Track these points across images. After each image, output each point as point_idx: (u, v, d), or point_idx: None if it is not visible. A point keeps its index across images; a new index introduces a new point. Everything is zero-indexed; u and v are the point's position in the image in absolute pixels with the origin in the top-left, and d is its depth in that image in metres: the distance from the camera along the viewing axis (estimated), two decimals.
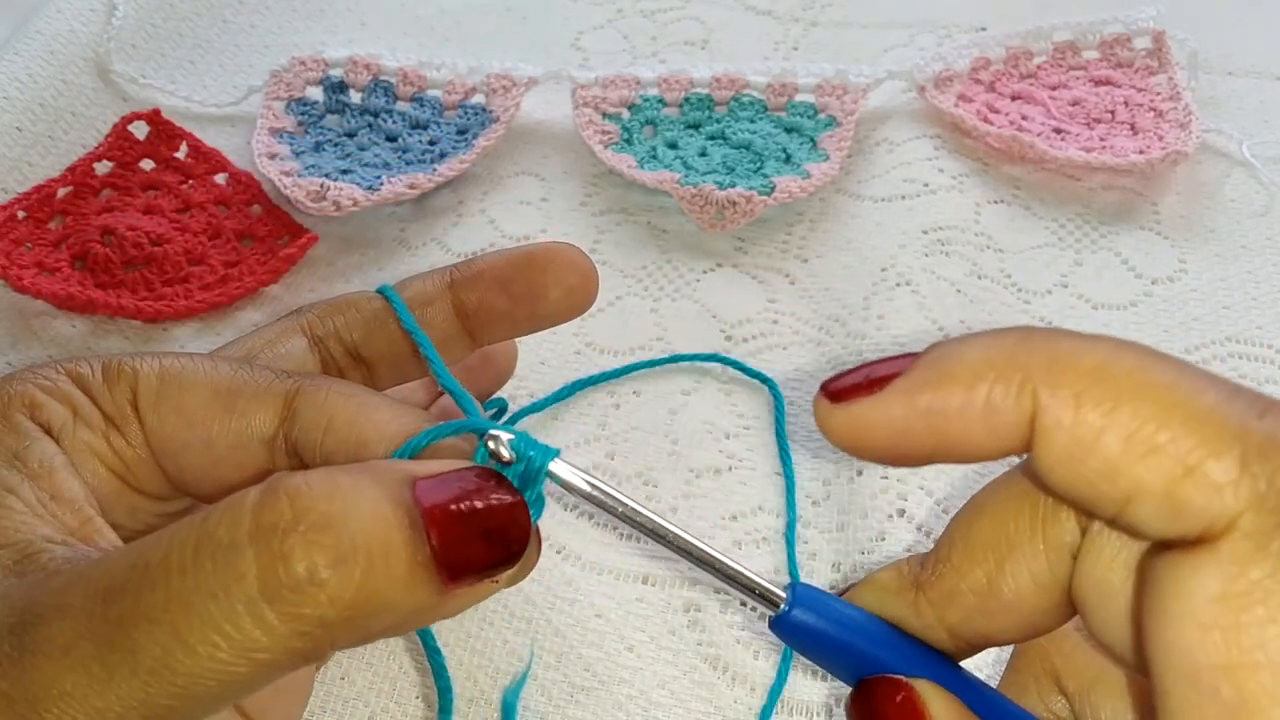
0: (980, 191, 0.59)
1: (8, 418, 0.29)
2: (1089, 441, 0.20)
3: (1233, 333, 0.52)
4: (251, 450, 0.30)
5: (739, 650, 0.42)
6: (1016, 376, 0.21)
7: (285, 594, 0.22)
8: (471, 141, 0.59)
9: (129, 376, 0.30)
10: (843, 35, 0.70)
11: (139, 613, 0.23)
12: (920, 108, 0.62)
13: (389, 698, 0.41)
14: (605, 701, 0.41)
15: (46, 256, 0.53)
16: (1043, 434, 0.21)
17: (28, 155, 0.57)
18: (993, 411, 0.21)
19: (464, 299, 0.36)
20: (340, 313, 0.35)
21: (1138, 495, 0.20)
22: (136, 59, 0.64)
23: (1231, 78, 0.65)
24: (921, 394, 0.22)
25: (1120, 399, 0.20)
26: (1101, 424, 0.20)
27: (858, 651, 0.25)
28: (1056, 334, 0.22)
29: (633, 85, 0.62)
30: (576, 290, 0.36)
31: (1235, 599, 0.19)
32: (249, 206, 0.58)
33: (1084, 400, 0.21)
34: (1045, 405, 0.21)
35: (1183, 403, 0.20)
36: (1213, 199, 0.59)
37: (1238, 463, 0.19)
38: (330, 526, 0.23)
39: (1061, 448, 0.21)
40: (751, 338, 0.53)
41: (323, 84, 0.62)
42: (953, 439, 0.22)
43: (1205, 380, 0.21)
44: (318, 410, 0.30)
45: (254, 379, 0.31)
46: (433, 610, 0.24)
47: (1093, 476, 0.21)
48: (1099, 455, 0.20)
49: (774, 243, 0.57)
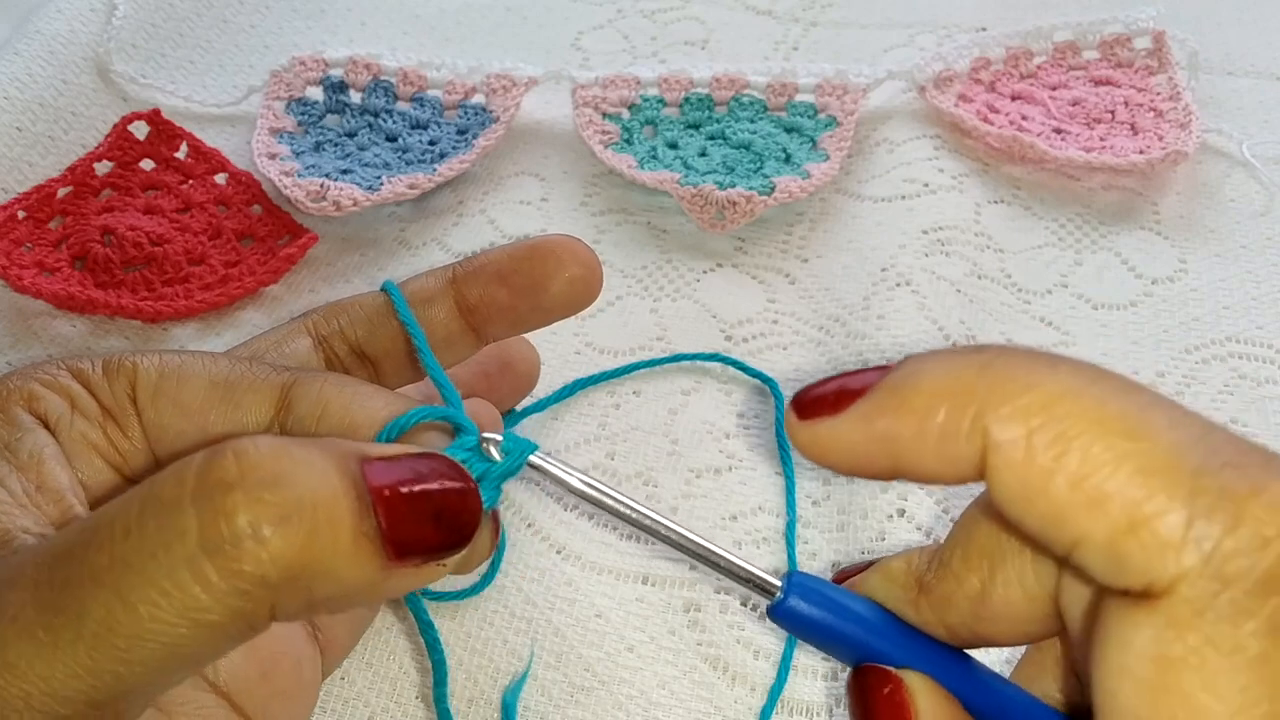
0: (980, 191, 0.59)
1: (5, 410, 0.29)
2: (1038, 484, 0.20)
3: (1233, 333, 0.52)
4: None
5: (739, 650, 0.42)
6: (970, 409, 0.21)
7: (226, 549, 0.22)
8: (471, 141, 0.59)
9: (128, 371, 0.31)
10: (843, 35, 0.70)
11: (84, 575, 0.23)
12: (920, 108, 0.62)
13: (389, 698, 0.41)
14: (605, 701, 0.41)
15: (46, 256, 0.53)
16: (993, 471, 0.21)
17: (28, 155, 0.57)
18: (945, 441, 0.21)
19: (466, 295, 0.36)
20: (344, 311, 0.35)
21: (1083, 542, 0.20)
22: (136, 59, 0.64)
23: (1231, 78, 0.65)
24: (878, 419, 0.22)
25: (1072, 440, 0.20)
26: (1050, 467, 0.20)
27: (855, 639, 0.25)
28: (1018, 360, 0.21)
29: (633, 85, 0.62)
30: (578, 281, 0.36)
31: (1173, 663, 0.19)
32: (249, 206, 0.58)
33: (1034, 440, 0.20)
34: (996, 443, 0.21)
35: (1137, 448, 0.20)
36: (1213, 199, 0.59)
37: (1184, 523, 0.19)
38: (276, 485, 0.22)
39: (1011, 486, 0.21)
40: (751, 338, 0.53)
41: (323, 84, 0.62)
42: (908, 464, 0.22)
43: (1169, 419, 0.20)
44: (313, 400, 0.30)
45: (251, 372, 0.31)
46: (376, 586, 0.24)
47: (1040, 519, 0.21)
48: (1047, 498, 0.20)
49: (774, 243, 0.57)
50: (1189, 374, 0.51)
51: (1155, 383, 0.51)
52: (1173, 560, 0.19)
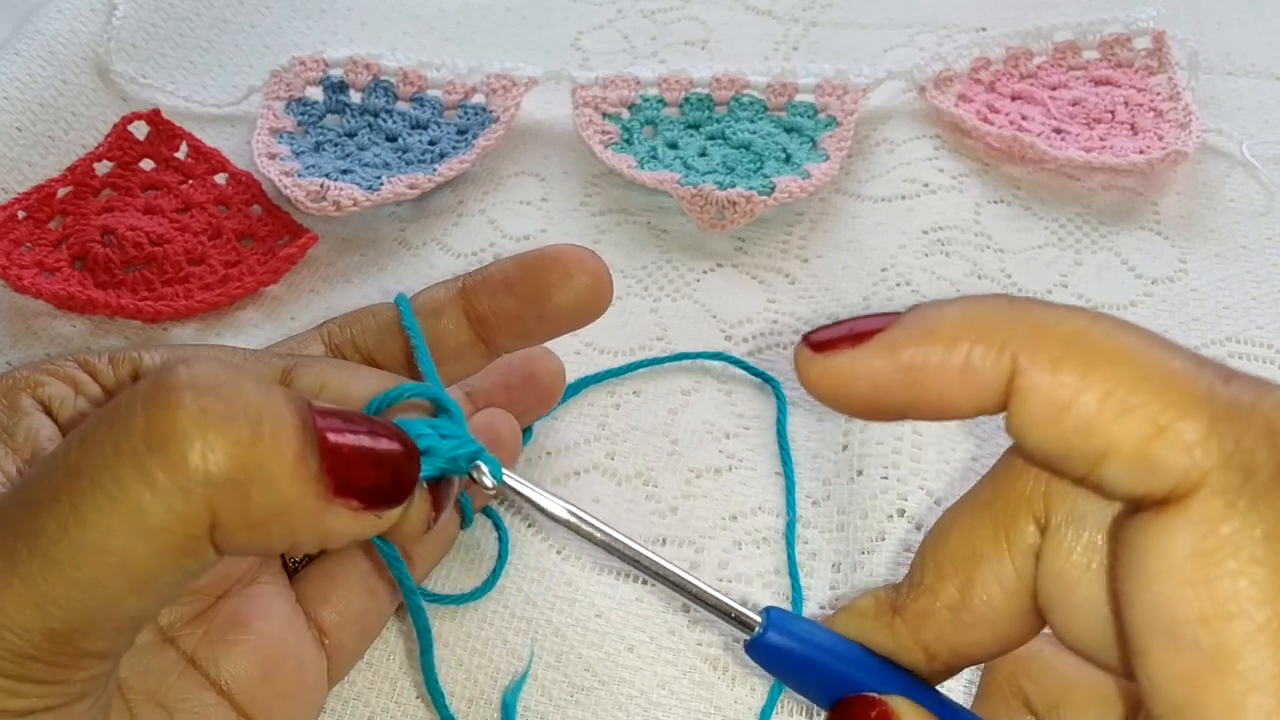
0: (980, 191, 0.59)
1: (11, 398, 0.31)
2: (1065, 401, 0.21)
3: (1233, 333, 0.52)
4: None
5: (739, 650, 0.42)
6: (997, 339, 0.22)
7: (170, 442, 0.22)
8: (471, 141, 0.59)
9: (134, 359, 0.32)
10: (843, 35, 0.70)
11: (41, 496, 0.23)
12: (920, 108, 0.62)
13: (389, 698, 0.41)
14: (605, 701, 0.41)
15: (46, 256, 0.53)
16: (1021, 395, 0.22)
17: (28, 155, 0.57)
18: (971, 370, 0.22)
19: (475, 305, 0.36)
20: (358, 321, 0.37)
21: (1111, 452, 0.21)
22: (136, 59, 0.64)
23: (1231, 78, 0.65)
24: (904, 349, 0.23)
25: (1096, 364, 0.21)
26: (1078, 385, 0.21)
27: (832, 673, 0.25)
28: (1035, 303, 0.23)
29: (633, 85, 0.62)
30: (586, 291, 0.36)
31: (1208, 554, 0.20)
32: (249, 206, 0.58)
33: (1062, 364, 0.21)
34: (1024, 368, 0.22)
35: (1154, 368, 0.21)
36: (1213, 199, 0.59)
37: (1206, 423, 0.20)
38: (224, 390, 0.23)
39: (1038, 407, 0.22)
40: (751, 338, 0.53)
41: (323, 84, 0.62)
42: (930, 395, 0.23)
43: (1173, 349, 0.22)
44: (312, 379, 0.31)
45: (255, 356, 0.32)
46: (315, 518, 0.25)
47: (1068, 434, 0.21)
48: (1075, 414, 0.21)
49: (774, 243, 0.57)
50: None
51: None
52: (1200, 455, 0.20)
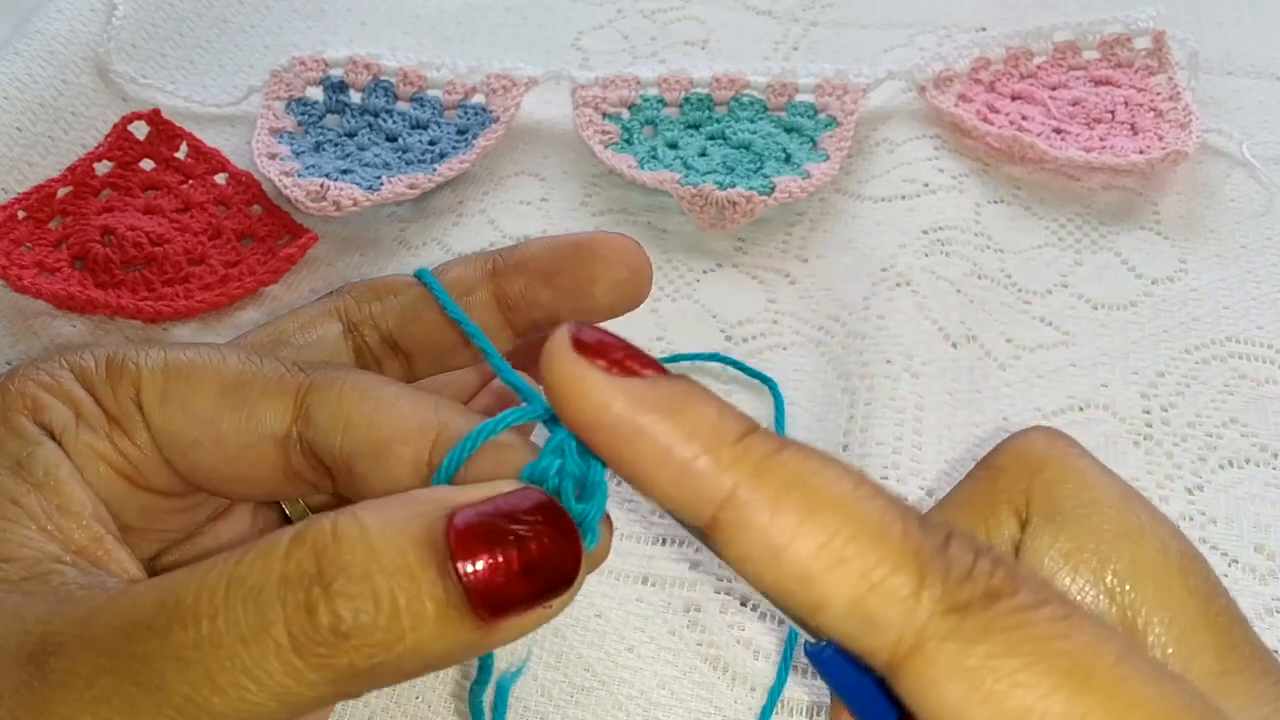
0: (980, 191, 0.59)
1: (9, 420, 0.28)
2: (782, 544, 0.21)
3: (1233, 333, 0.52)
4: (263, 449, 0.29)
5: (739, 650, 0.42)
6: (725, 462, 0.22)
7: (313, 646, 0.22)
8: (471, 141, 0.59)
9: (132, 373, 0.29)
10: (843, 35, 0.70)
11: (168, 651, 0.22)
12: (920, 108, 0.62)
13: (389, 698, 0.41)
14: (605, 701, 0.41)
15: (46, 256, 0.53)
16: (737, 526, 0.22)
17: (28, 155, 0.57)
18: (690, 472, 0.22)
19: (506, 289, 0.34)
20: (377, 297, 0.33)
21: (827, 603, 0.21)
22: (136, 59, 0.64)
23: (1231, 78, 0.65)
24: (646, 411, 0.22)
25: (814, 510, 0.21)
26: (795, 530, 0.21)
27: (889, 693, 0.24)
28: (771, 437, 0.22)
29: (633, 85, 0.62)
30: (625, 285, 0.34)
31: (977, 690, 0.20)
32: (249, 206, 0.58)
33: (780, 503, 0.21)
34: (744, 500, 0.21)
35: (866, 518, 0.21)
36: (1213, 199, 0.59)
37: (916, 575, 0.21)
38: (355, 577, 0.22)
39: (756, 545, 0.21)
40: (751, 338, 0.53)
41: (323, 84, 0.62)
42: (642, 465, 0.22)
43: (876, 492, 0.22)
44: (333, 409, 0.28)
45: (263, 373, 0.29)
46: (478, 645, 0.23)
47: (786, 578, 0.21)
48: (791, 559, 0.21)
49: (774, 243, 0.57)
50: (1189, 374, 0.51)
51: (1155, 383, 0.51)
52: (915, 607, 0.21)
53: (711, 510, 0.22)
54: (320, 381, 0.29)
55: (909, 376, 0.50)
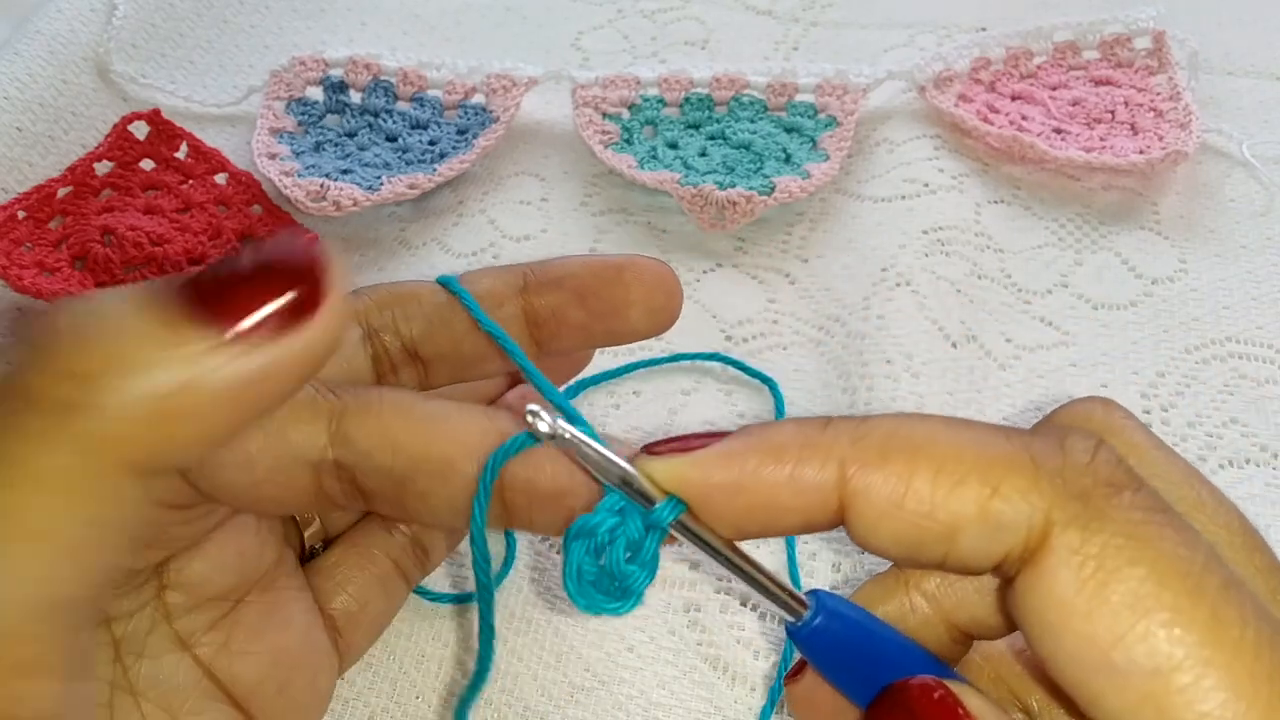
0: (980, 191, 0.59)
1: None
2: (900, 492, 0.22)
3: (1233, 333, 0.52)
4: (294, 472, 0.28)
5: (739, 650, 0.42)
6: (821, 449, 0.23)
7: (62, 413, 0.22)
8: (471, 141, 0.59)
9: None
10: (843, 35, 0.70)
11: None
12: (920, 108, 0.62)
13: (389, 698, 0.41)
14: (605, 701, 0.41)
15: (46, 256, 0.53)
16: (856, 498, 0.23)
17: (28, 155, 0.57)
18: (800, 479, 0.23)
19: (536, 305, 0.33)
20: (400, 304, 0.33)
21: (958, 525, 0.22)
22: (136, 59, 0.64)
23: (1231, 78, 0.65)
24: (736, 455, 0.24)
25: (915, 453, 0.23)
26: (908, 473, 0.23)
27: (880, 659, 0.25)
28: (848, 418, 0.24)
29: (633, 85, 0.62)
30: (660, 311, 0.33)
31: (1090, 580, 0.21)
32: (249, 206, 0.58)
33: (886, 459, 0.23)
34: (853, 473, 0.23)
35: (969, 443, 0.23)
36: (1213, 199, 0.59)
37: (1030, 470, 0.22)
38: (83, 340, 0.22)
39: (876, 504, 0.23)
40: (751, 338, 0.53)
41: (323, 84, 0.62)
42: (760, 503, 0.24)
43: (978, 424, 0.23)
44: (375, 433, 0.27)
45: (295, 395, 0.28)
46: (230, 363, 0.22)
47: (913, 520, 0.23)
48: (913, 499, 0.22)
49: (774, 243, 0.57)
50: (1189, 374, 0.51)
51: (1155, 383, 0.51)
52: (1037, 498, 0.22)
53: (834, 499, 0.23)
54: (356, 405, 0.28)
55: (909, 376, 0.50)
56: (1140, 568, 0.21)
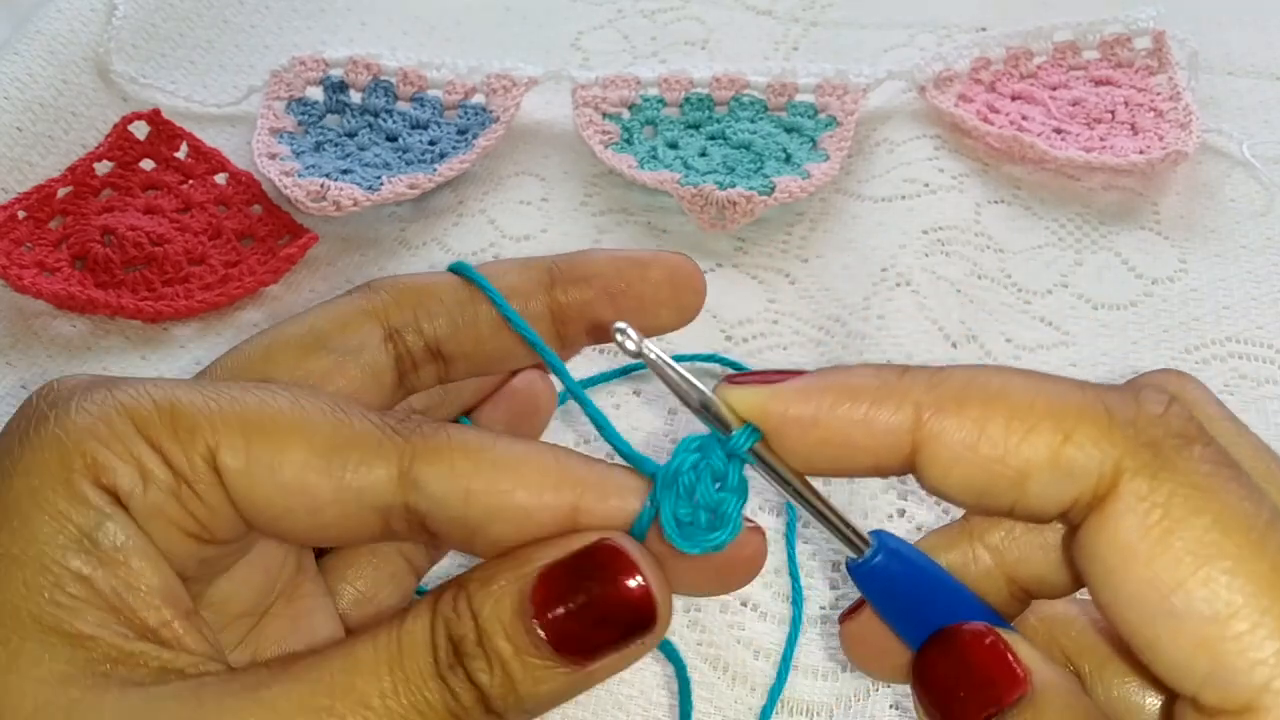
0: (980, 191, 0.59)
1: (72, 485, 0.25)
2: (975, 437, 0.23)
3: (1233, 333, 0.52)
4: (362, 516, 0.27)
5: (739, 650, 0.42)
6: (896, 393, 0.24)
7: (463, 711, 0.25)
8: (471, 141, 0.59)
9: (205, 432, 0.26)
10: (843, 35, 0.70)
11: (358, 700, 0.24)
12: (920, 108, 0.62)
13: None
14: (605, 701, 0.41)
15: (47, 256, 0.53)
16: (930, 441, 0.24)
17: (28, 155, 0.57)
18: (874, 421, 0.24)
19: (563, 303, 0.33)
20: (421, 301, 0.32)
21: (1030, 470, 0.23)
22: (136, 59, 0.64)
23: (1231, 78, 0.65)
24: (814, 391, 0.25)
25: (991, 400, 0.23)
26: (982, 419, 0.23)
27: (935, 603, 0.26)
28: (924, 367, 0.25)
29: (633, 85, 0.62)
30: (688, 309, 0.33)
31: (1156, 526, 0.22)
32: (249, 206, 0.58)
33: (963, 405, 0.23)
34: (928, 417, 0.23)
35: (1043, 393, 0.23)
36: (1213, 199, 0.59)
37: (1104, 420, 0.22)
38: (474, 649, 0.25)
39: (950, 448, 0.23)
40: (751, 338, 0.53)
41: (323, 84, 0.62)
42: (835, 441, 0.24)
43: (1053, 377, 0.24)
44: (446, 480, 0.27)
45: (359, 435, 0.27)
46: (581, 684, 0.25)
47: (986, 464, 0.23)
48: (987, 444, 0.23)
49: (774, 243, 0.57)
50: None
51: None
52: (1109, 446, 0.22)
53: (907, 442, 0.24)
54: (425, 449, 0.27)
55: None
56: (1205, 517, 0.21)
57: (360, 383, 0.31)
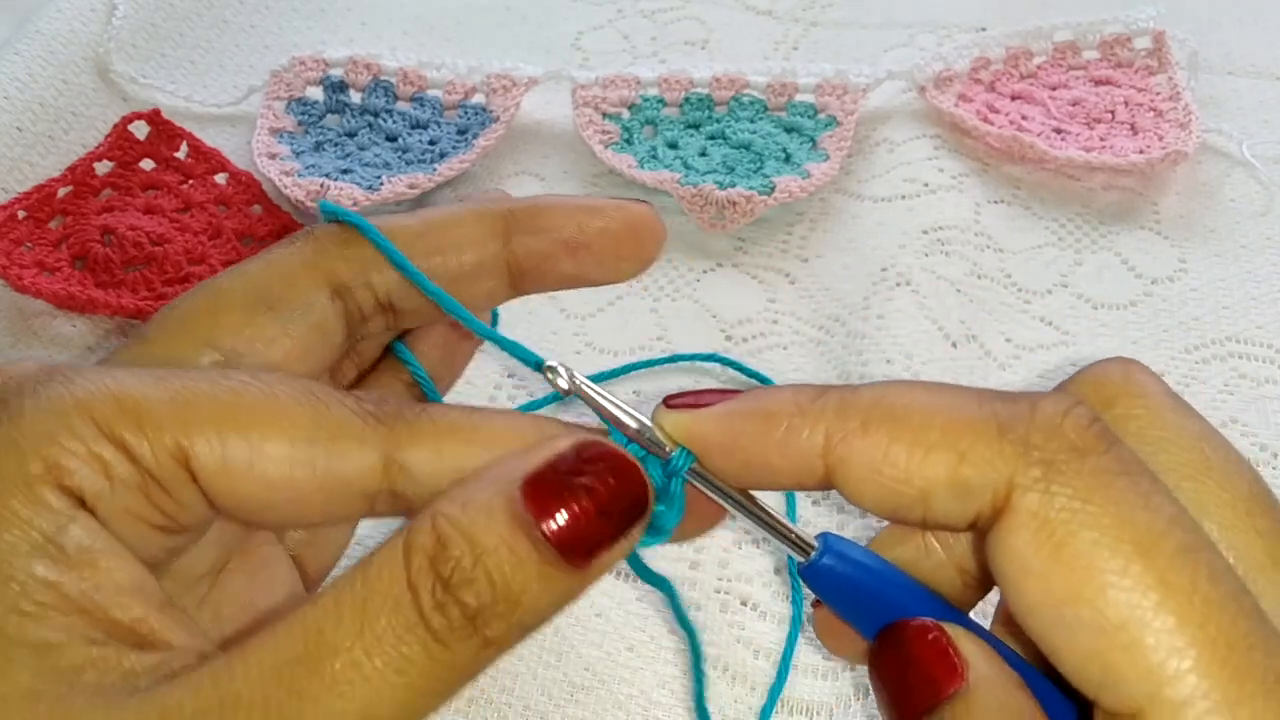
0: (980, 191, 0.59)
1: (33, 491, 0.25)
2: (879, 460, 0.24)
3: (1233, 333, 0.52)
4: (348, 504, 0.27)
5: (739, 650, 0.42)
6: (810, 416, 0.25)
7: (451, 633, 0.24)
8: (471, 141, 0.59)
9: (174, 429, 0.26)
10: (843, 35, 0.70)
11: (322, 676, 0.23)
12: (920, 108, 0.62)
13: None
14: (605, 701, 0.41)
15: (47, 256, 0.53)
16: (840, 465, 0.25)
17: (28, 155, 0.57)
18: (789, 443, 0.25)
19: (520, 254, 0.32)
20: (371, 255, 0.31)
21: (930, 489, 0.24)
22: (136, 59, 0.64)
23: (1231, 78, 0.65)
24: (734, 416, 0.26)
25: (895, 422, 0.24)
26: (885, 442, 0.24)
27: (883, 600, 0.26)
28: (840, 386, 0.26)
29: (633, 85, 0.62)
30: (648, 260, 0.33)
31: (1047, 541, 0.22)
32: (249, 206, 0.58)
33: (867, 429, 0.24)
34: (836, 442, 0.25)
35: (944, 411, 0.24)
36: (1213, 199, 0.59)
37: (995, 439, 0.23)
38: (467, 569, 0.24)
39: (859, 468, 0.24)
40: (751, 338, 0.53)
41: (323, 84, 0.62)
42: (754, 461, 0.26)
43: (958, 390, 0.25)
44: (432, 463, 0.27)
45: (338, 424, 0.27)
46: (580, 586, 0.25)
47: (891, 485, 0.24)
48: (890, 467, 0.24)
49: (774, 243, 0.57)
50: (1189, 374, 0.51)
51: None
52: (1001, 464, 0.23)
53: (820, 463, 0.25)
54: (409, 435, 0.27)
55: (909, 376, 0.50)
56: (1093, 531, 0.22)
57: (309, 341, 0.31)
